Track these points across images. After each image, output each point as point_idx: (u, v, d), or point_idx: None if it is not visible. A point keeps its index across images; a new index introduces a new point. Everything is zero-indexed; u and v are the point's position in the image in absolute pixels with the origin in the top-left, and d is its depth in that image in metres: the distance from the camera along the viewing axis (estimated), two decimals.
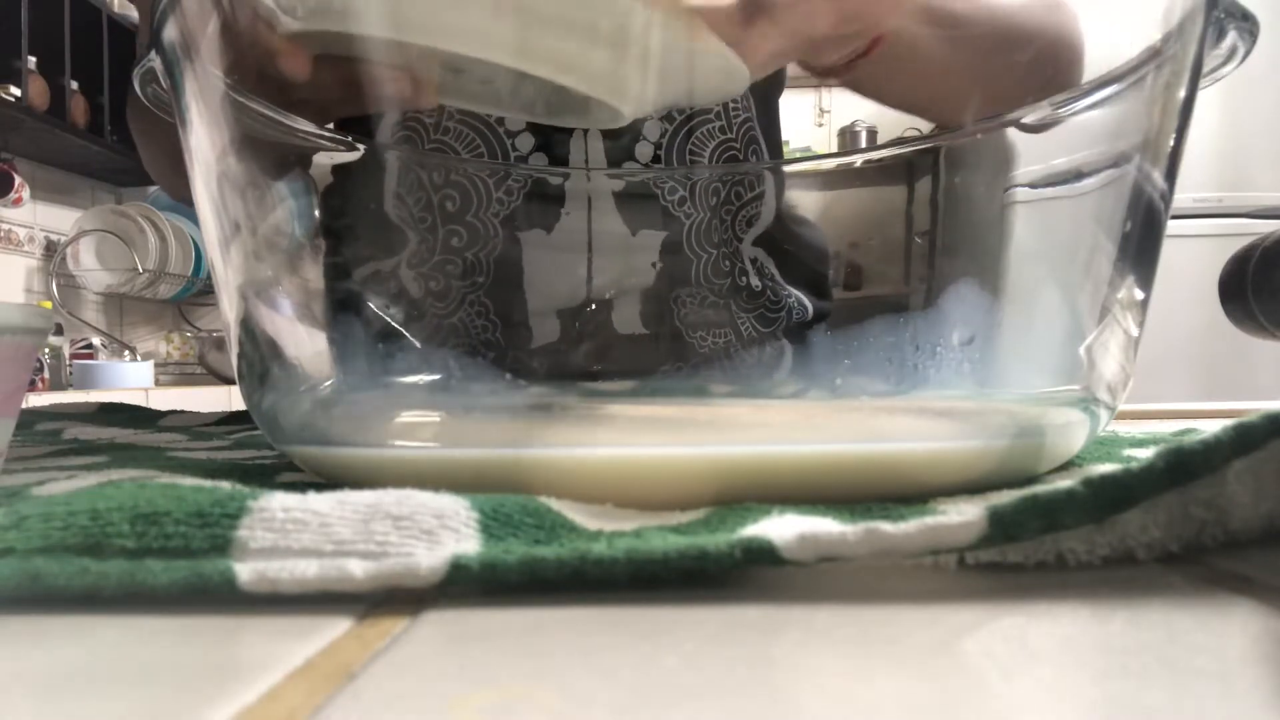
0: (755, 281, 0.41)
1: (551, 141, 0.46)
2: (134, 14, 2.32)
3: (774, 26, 0.35)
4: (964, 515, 0.16)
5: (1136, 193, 0.26)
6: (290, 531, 0.17)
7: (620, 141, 0.46)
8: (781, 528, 0.17)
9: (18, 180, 2.13)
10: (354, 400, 0.32)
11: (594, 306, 0.42)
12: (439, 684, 0.13)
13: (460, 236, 0.41)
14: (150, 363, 2.33)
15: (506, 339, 0.43)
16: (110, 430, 0.49)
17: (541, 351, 0.42)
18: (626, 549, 0.16)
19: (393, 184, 0.40)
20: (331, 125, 0.37)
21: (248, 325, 0.29)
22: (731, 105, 0.47)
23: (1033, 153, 0.31)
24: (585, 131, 0.45)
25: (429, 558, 0.16)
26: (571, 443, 0.24)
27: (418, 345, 0.38)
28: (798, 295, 0.42)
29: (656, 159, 0.46)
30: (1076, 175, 0.28)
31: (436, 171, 0.41)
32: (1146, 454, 0.17)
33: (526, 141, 0.46)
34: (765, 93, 0.49)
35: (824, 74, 0.41)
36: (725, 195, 0.42)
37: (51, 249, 2.35)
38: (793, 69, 0.52)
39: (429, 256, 0.41)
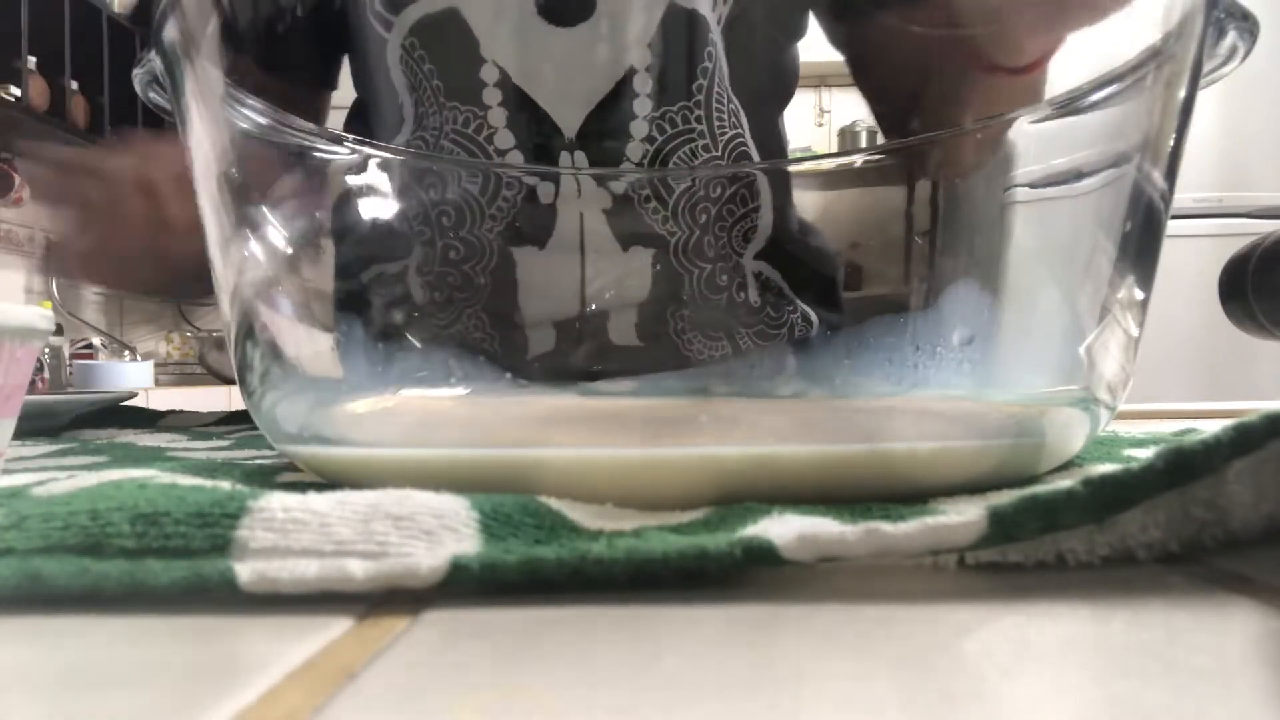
0: (755, 297, 0.41)
1: (540, 159, 0.46)
2: None
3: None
4: (964, 515, 0.16)
5: (1136, 193, 0.26)
6: (290, 531, 0.17)
7: (606, 161, 0.46)
8: (781, 528, 0.17)
9: (18, 180, 2.13)
10: (354, 400, 0.32)
11: (589, 319, 0.42)
12: (439, 684, 0.13)
13: (456, 250, 0.41)
14: (150, 363, 2.33)
15: (504, 350, 0.43)
16: (110, 430, 0.49)
17: (538, 362, 0.43)
18: (626, 549, 0.16)
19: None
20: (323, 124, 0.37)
21: (248, 325, 0.29)
22: (718, 123, 0.46)
23: (1033, 153, 0.31)
24: (572, 154, 0.46)
25: (429, 558, 0.16)
26: (571, 443, 0.24)
27: (418, 346, 0.38)
28: (804, 309, 0.42)
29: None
30: (1076, 175, 0.28)
31: (433, 188, 0.42)
32: (1146, 454, 0.16)
33: (516, 159, 0.47)
34: (767, 106, 0.49)
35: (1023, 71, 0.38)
36: (718, 210, 0.41)
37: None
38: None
39: (427, 270, 0.41)
